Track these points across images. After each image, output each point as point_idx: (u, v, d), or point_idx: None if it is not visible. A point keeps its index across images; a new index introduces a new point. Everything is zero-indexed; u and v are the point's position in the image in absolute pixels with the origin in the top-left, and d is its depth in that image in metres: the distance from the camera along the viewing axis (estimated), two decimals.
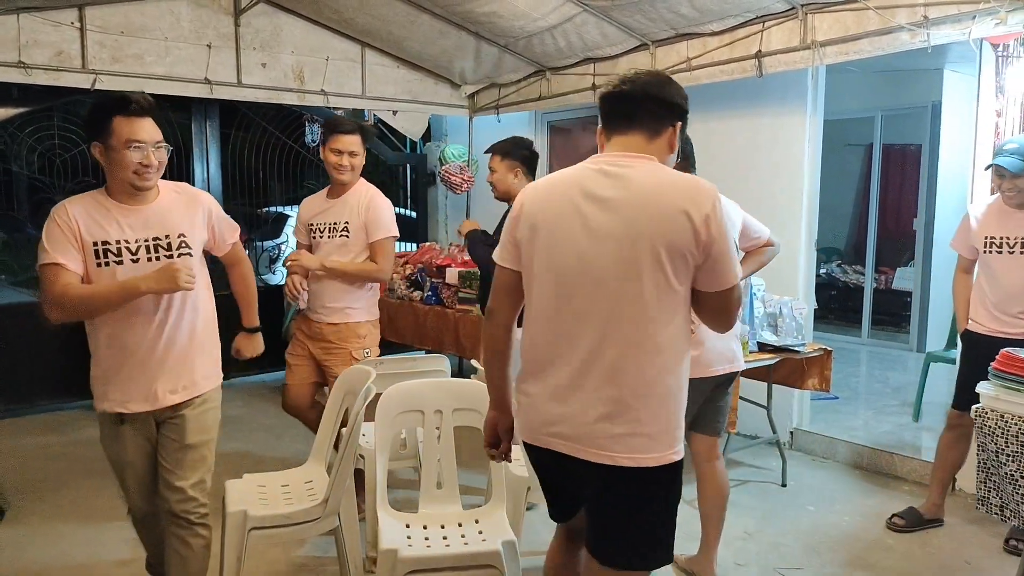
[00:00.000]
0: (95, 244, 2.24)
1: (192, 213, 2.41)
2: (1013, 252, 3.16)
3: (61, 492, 3.86)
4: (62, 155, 5.28)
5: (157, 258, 2.29)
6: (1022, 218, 3.15)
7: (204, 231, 2.45)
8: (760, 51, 4.02)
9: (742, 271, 2.47)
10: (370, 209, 3.39)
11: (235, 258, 2.65)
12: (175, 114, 5.51)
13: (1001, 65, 3.65)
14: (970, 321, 3.36)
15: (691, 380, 1.93)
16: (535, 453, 1.95)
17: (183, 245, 2.34)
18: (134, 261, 2.26)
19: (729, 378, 3.01)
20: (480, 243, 3.50)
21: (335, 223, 3.41)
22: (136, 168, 2.22)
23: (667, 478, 1.82)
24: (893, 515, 3.54)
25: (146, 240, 2.29)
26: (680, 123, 1.90)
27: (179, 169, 5.55)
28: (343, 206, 3.42)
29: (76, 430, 4.84)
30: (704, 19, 4.17)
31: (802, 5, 3.80)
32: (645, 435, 1.77)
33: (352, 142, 3.36)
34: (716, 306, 1.84)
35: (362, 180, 3.50)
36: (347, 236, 3.38)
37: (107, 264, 2.25)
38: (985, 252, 3.26)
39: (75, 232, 2.22)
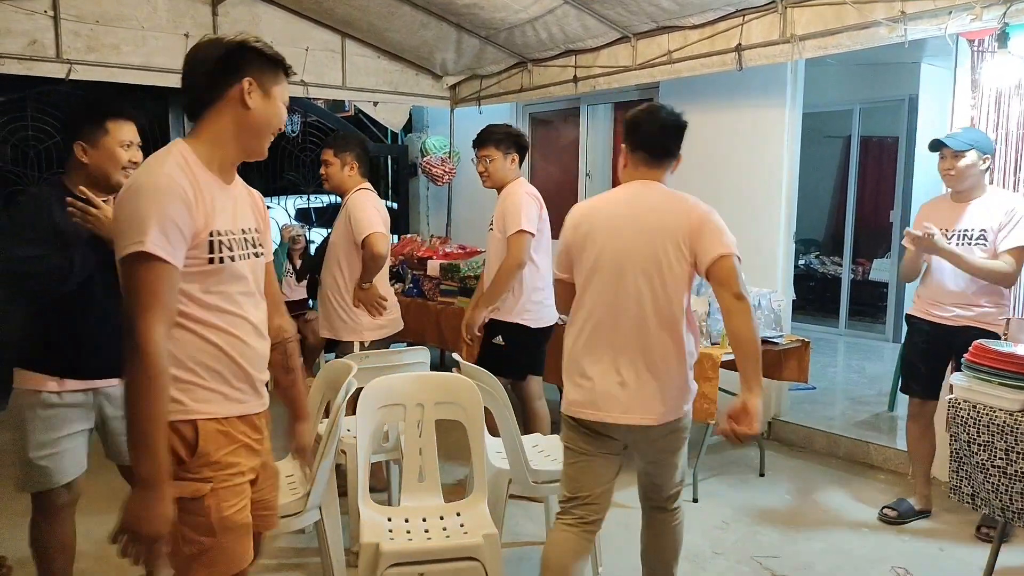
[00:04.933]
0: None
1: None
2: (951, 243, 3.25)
3: None
4: (36, 146, 5.20)
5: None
6: (961, 210, 3.28)
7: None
8: (740, 44, 4.04)
9: None
10: None
11: None
12: (152, 105, 5.44)
13: (976, 60, 3.70)
14: (913, 307, 3.47)
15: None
16: None
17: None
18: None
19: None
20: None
21: None
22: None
23: None
24: (884, 506, 3.57)
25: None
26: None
27: None
28: None
29: None
30: (685, 12, 4.18)
31: None
32: None
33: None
34: None
35: None
36: None
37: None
38: None
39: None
